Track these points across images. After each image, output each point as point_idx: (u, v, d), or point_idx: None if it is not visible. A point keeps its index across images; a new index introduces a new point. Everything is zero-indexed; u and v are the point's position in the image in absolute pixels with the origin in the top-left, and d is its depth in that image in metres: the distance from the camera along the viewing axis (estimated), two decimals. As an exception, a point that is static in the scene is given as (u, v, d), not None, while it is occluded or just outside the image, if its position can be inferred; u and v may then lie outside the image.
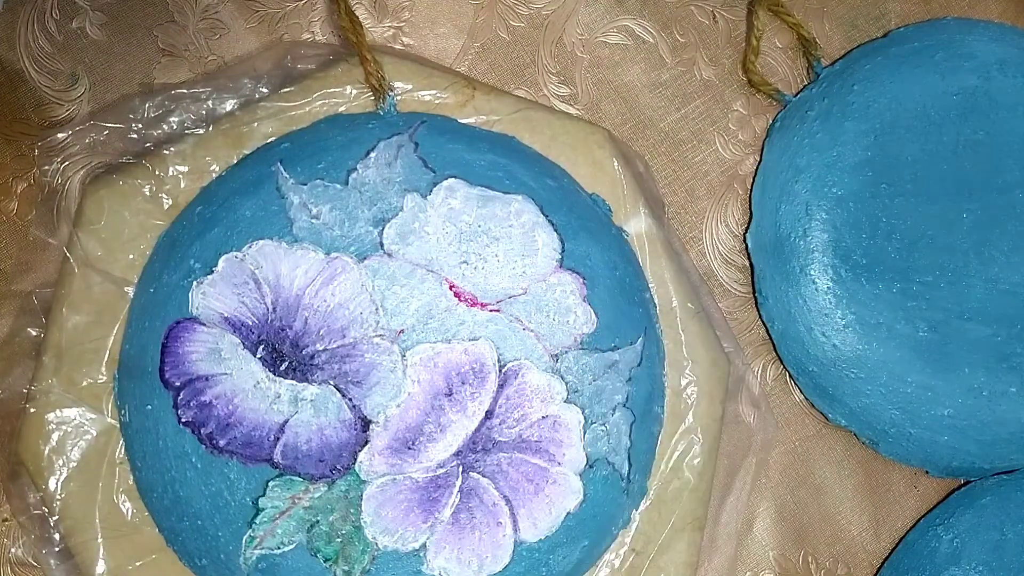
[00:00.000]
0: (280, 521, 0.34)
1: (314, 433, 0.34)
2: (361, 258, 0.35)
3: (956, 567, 0.39)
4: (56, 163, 0.36)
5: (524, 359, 0.35)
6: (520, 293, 0.36)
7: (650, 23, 0.41)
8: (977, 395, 0.39)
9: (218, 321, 0.34)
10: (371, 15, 0.39)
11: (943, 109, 0.40)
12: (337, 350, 0.34)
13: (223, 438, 0.34)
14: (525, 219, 0.36)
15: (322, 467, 0.34)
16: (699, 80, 0.41)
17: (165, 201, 0.35)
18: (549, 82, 0.40)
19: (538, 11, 0.40)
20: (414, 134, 0.36)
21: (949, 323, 0.39)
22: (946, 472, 0.41)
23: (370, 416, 0.34)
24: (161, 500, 0.34)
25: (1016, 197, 0.40)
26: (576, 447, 0.36)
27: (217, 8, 0.38)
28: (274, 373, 0.34)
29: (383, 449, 0.34)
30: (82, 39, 0.37)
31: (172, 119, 0.36)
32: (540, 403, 0.35)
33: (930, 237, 0.39)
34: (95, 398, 0.34)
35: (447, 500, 0.35)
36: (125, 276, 0.35)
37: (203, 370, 0.34)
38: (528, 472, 0.35)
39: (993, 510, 0.40)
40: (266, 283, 0.34)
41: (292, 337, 0.34)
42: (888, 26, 0.42)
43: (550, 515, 0.35)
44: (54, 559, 0.34)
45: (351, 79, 0.36)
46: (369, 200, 0.35)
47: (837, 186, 0.39)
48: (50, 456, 0.34)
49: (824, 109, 0.40)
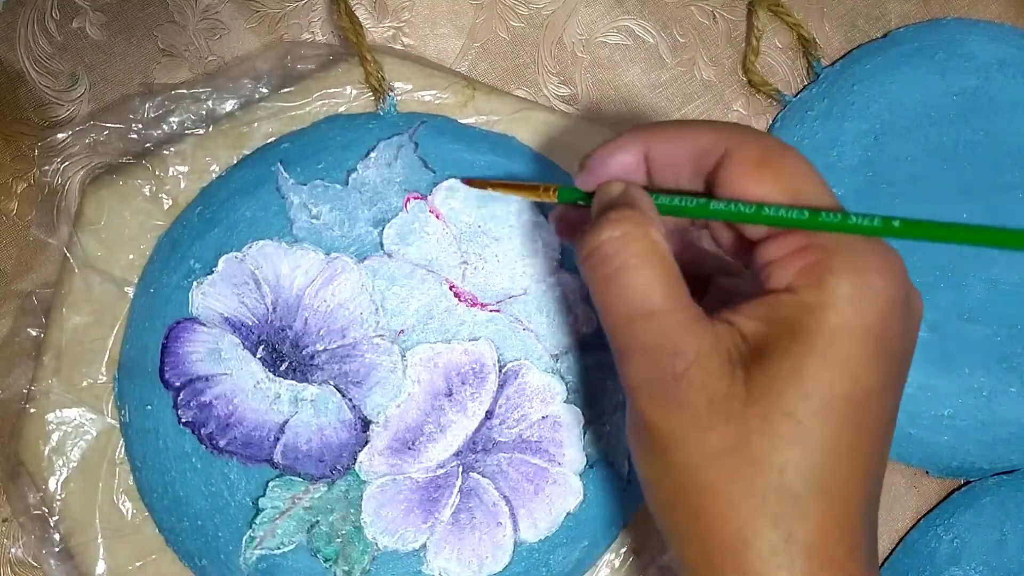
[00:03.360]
0: (280, 521, 0.34)
1: (314, 433, 0.34)
2: (361, 258, 0.35)
3: (956, 567, 0.39)
4: (56, 163, 0.36)
5: (524, 359, 0.35)
6: (520, 293, 0.36)
7: (650, 23, 0.41)
8: (977, 395, 0.39)
9: (218, 321, 0.34)
10: (371, 15, 0.39)
11: (943, 109, 0.40)
12: (337, 350, 0.34)
13: (223, 438, 0.34)
14: (525, 219, 0.36)
15: (322, 467, 0.34)
16: (699, 80, 0.41)
17: (165, 201, 0.35)
18: (549, 82, 0.40)
19: (538, 11, 0.40)
20: (414, 134, 0.36)
21: (949, 323, 0.39)
22: (946, 472, 0.41)
23: (370, 416, 0.34)
24: (161, 500, 0.34)
25: (1016, 197, 0.40)
26: (576, 447, 0.36)
27: (217, 8, 0.38)
28: (274, 373, 0.34)
29: (383, 449, 0.34)
30: (82, 39, 0.37)
31: (172, 119, 0.36)
32: (540, 403, 0.35)
33: (930, 237, 0.39)
34: (95, 398, 0.34)
35: (447, 500, 0.35)
36: (125, 276, 0.35)
37: (203, 370, 0.34)
38: (528, 472, 0.35)
39: (993, 510, 0.40)
40: (266, 283, 0.34)
41: (292, 337, 0.34)
42: (888, 26, 0.42)
43: (550, 515, 0.35)
44: (54, 559, 0.34)
45: (351, 79, 0.36)
46: (369, 200, 0.35)
47: (837, 186, 0.39)
48: (50, 456, 0.34)
49: (824, 109, 0.40)
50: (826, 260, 0.24)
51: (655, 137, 0.28)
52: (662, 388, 0.25)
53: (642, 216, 0.26)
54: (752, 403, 0.24)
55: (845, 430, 0.24)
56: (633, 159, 0.28)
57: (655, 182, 0.28)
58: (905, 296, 0.25)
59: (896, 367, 0.25)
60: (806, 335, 0.24)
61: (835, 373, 0.24)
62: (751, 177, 0.25)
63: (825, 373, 0.24)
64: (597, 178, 0.28)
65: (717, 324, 0.25)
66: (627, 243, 0.25)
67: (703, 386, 0.24)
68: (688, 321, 0.25)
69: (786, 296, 0.25)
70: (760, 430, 0.24)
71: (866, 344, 0.24)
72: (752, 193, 0.25)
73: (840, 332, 0.24)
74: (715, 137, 0.26)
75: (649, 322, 0.25)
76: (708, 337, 0.25)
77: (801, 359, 0.24)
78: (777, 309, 0.25)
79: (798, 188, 0.25)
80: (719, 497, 0.24)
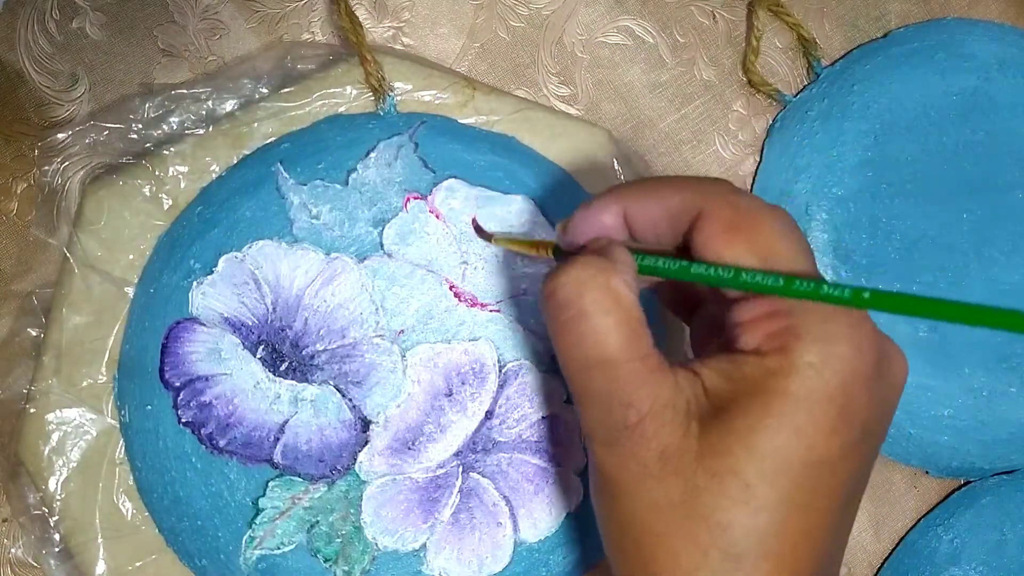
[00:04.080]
0: (280, 521, 0.34)
1: (314, 433, 0.34)
2: (361, 258, 0.35)
3: (956, 567, 0.39)
4: (56, 163, 0.36)
5: (524, 359, 0.35)
6: (520, 293, 0.36)
7: (650, 23, 0.41)
8: (977, 395, 0.39)
9: (218, 321, 0.34)
10: (371, 15, 0.39)
11: (943, 109, 0.40)
12: (337, 350, 0.34)
13: (223, 438, 0.34)
14: (525, 219, 0.36)
15: (322, 467, 0.34)
16: (699, 80, 0.41)
17: (165, 201, 0.35)
18: (549, 82, 0.40)
19: (538, 11, 0.40)
20: (414, 134, 0.36)
21: (949, 323, 0.39)
22: (946, 472, 0.41)
23: (370, 416, 0.34)
24: (161, 500, 0.34)
25: (1016, 197, 0.40)
26: (576, 447, 0.36)
27: (217, 8, 0.38)
28: (274, 373, 0.34)
29: (383, 449, 0.34)
30: (82, 39, 0.37)
31: (172, 119, 0.36)
32: (540, 403, 0.35)
33: (930, 237, 0.39)
34: (95, 398, 0.34)
35: (447, 500, 0.35)
36: (125, 276, 0.35)
37: (203, 370, 0.34)
38: (528, 472, 0.35)
39: (993, 510, 0.40)
40: (266, 283, 0.34)
41: (292, 337, 0.34)
42: (888, 26, 0.42)
43: (550, 515, 0.35)
44: (54, 559, 0.34)
45: (351, 79, 0.36)
46: (369, 200, 0.35)
47: (837, 186, 0.39)
48: (50, 456, 0.34)
49: (824, 109, 0.40)
50: (794, 326, 0.24)
51: (631, 198, 0.28)
52: (614, 436, 0.25)
53: (607, 263, 0.26)
54: (703, 458, 0.24)
55: (796, 494, 0.24)
56: (612, 220, 0.28)
57: (637, 239, 0.28)
58: (875, 365, 0.25)
59: (860, 435, 0.25)
60: (766, 398, 0.24)
61: (790, 438, 0.24)
62: (723, 241, 0.25)
63: (780, 437, 0.24)
64: (578, 239, 0.28)
65: (680, 373, 0.25)
66: (587, 289, 0.25)
67: (655, 437, 0.25)
68: (645, 372, 0.25)
69: (752, 358, 0.25)
70: (708, 487, 0.24)
71: (828, 412, 0.24)
72: (725, 257, 0.25)
73: (800, 398, 0.24)
74: (688, 197, 0.26)
75: (603, 371, 0.25)
76: (665, 388, 0.25)
77: (759, 420, 0.24)
78: (743, 368, 0.25)
79: (770, 252, 0.25)
80: (662, 547, 0.25)
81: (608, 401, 0.25)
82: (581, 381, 0.26)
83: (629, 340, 0.25)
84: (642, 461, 0.25)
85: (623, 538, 0.26)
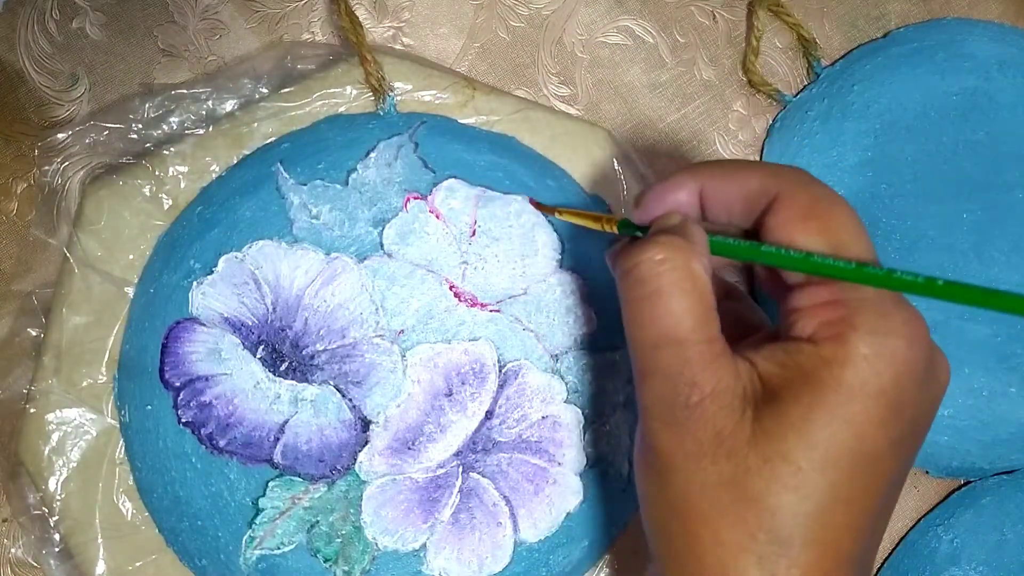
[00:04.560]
0: (280, 521, 0.34)
1: (314, 433, 0.34)
2: (361, 258, 0.35)
3: (956, 567, 0.39)
4: (56, 163, 0.36)
5: (524, 359, 0.35)
6: (520, 293, 0.36)
7: (650, 23, 0.41)
8: (977, 395, 0.39)
9: (218, 321, 0.34)
10: (371, 15, 0.39)
11: (943, 109, 0.40)
12: (337, 350, 0.34)
13: (223, 438, 0.34)
14: (525, 219, 0.36)
15: (322, 467, 0.34)
16: (699, 80, 0.41)
17: (165, 201, 0.35)
18: (549, 82, 0.40)
19: (538, 11, 0.40)
20: (414, 134, 0.36)
21: (949, 323, 0.39)
22: (946, 472, 0.41)
23: (370, 416, 0.34)
24: (161, 500, 0.34)
25: (1016, 197, 0.40)
26: (576, 447, 0.36)
27: (217, 8, 0.38)
28: (274, 373, 0.34)
29: (383, 449, 0.34)
30: (82, 39, 0.37)
31: (172, 119, 0.36)
32: (540, 403, 0.35)
33: (930, 237, 0.39)
34: (95, 398, 0.34)
35: (447, 500, 0.35)
36: (125, 276, 0.35)
37: (203, 370, 0.34)
38: (528, 472, 0.35)
39: (993, 510, 0.40)
40: (266, 283, 0.34)
41: (292, 337, 0.34)
42: (888, 26, 0.42)
43: (550, 515, 0.35)
44: (54, 559, 0.34)
45: (351, 79, 0.36)
46: (369, 200, 0.35)
47: (837, 186, 0.39)
48: (50, 456, 0.34)
49: (824, 109, 0.40)
50: (850, 317, 0.25)
51: (709, 176, 0.28)
52: (673, 413, 0.26)
53: (687, 245, 0.26)
54: (756, 443, 0.25)
55: (844, 485, 0.24)
56: (687, 197, 0.29)
57: (709, 217, 0.29)
58: (926, 363, 0.25)
59: (908, 431, 0.25)
60: (820, 387, 0.24)
61: (842, 429, 0.24)
62: (798, 228, 0.26)
63: (832, 427, 0.24)
64: (652, 213, 0.29)
65: (739, 361, 0.26)
66: (667, 269, 0.26)
67: (713, 418, 0.25)
68: (711, 355, 0.26)
69: (807, 346, 0.25)
70: (760, 471, 0.24)
71: (878, 405, 0.24)
72: (798, 241, 0.26)
73: (853, 390, 0.24)
74: (766, 182, 0.27)
75: (674, 349, 0.26)
76: (727, 373, 0.25)
77: (811, 409, 0.24)
78: (796, 356, 0.25)
79: (840, 241, 0.26)
80: (709, 527, 0.25)
81: (674, 379, 0.26)
82: (650, 358, 0.26)
83: (701, 322, 0.26)
84: (698, 440, 0.25)
85: (669, 517, 0.26)
